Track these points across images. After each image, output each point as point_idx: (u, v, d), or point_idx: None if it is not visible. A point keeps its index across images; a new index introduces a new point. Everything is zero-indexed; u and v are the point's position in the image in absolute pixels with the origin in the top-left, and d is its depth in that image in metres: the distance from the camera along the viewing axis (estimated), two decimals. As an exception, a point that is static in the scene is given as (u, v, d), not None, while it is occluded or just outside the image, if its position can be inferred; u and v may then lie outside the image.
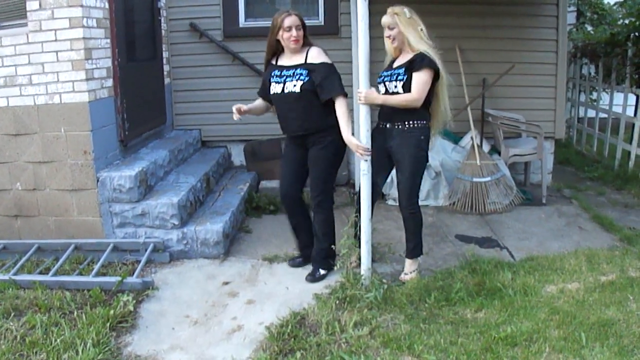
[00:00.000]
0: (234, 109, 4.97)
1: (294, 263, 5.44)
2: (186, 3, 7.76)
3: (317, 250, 5.20)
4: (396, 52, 4.95)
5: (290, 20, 4.75)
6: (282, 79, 4.87)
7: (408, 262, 5.10)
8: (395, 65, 4.90)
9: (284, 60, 4.96)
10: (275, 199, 7.00)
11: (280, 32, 4.79)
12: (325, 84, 4.76)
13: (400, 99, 4.73)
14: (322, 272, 5.13)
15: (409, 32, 4.75)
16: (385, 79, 4.88)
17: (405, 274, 5.06)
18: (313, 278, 5.11)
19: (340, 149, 4.94)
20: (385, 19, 4.82)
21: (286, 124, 5.03)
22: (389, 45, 4.94)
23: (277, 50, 5.00)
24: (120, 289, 4.84)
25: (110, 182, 5.54)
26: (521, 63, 7.58)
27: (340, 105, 4.73)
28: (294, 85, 4.79)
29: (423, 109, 4.81)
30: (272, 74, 4.94)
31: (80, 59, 5.38)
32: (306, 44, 4.91)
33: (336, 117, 4.74)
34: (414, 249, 5.06)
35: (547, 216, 6.67)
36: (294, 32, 4.76)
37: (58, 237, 5.71)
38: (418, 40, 4.75)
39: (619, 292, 4.53)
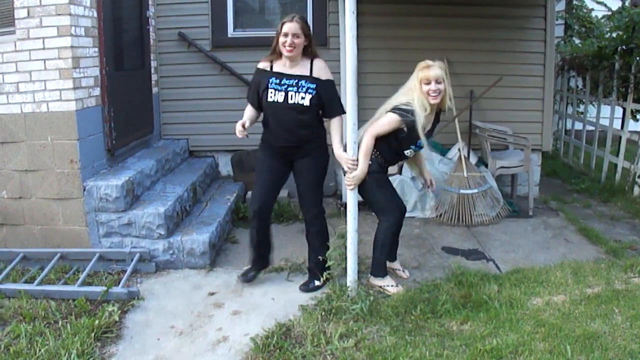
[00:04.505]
0: (238, 131, 4.75)
1: (248, 278, 5.28)
2: (175, 13, 7.75)
3: (314, 262, 5.10)
4: (430, 108, 4.70)
5: (288, 27, 4.64)
6: (283, 88, 4.75)
7: (398, 263, 5.44)
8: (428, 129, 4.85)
9: (282, 68, 4.82)
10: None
11: (280, 38, 4.68)
12: (333, 104, 4.81)
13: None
14: (317, 283, 5.09)
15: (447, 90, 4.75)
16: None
17: (402, 270, 5.42)
18: (307, 288, 5.11)
19: (328, 158, 4.98)
20: (437, 71, 4.61)
21: (279, 134, 4.86)
22: (425, 101, 4.65)
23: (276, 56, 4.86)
24: (105, 299, 4.82)
25: (97, 191, 5.51)
26: (509, 75, 7.61)
27: (338, 123, 4.79)
28: (302, 98, 4.72)
29: None
30: (270, 81, 4.78)
31: (67, 68, 5.37)
32: (310, 53, 4.84)
33: (323, 129, 4.77)
34: None
35: (533, 228, 6.68)
36: (289, 40, 4.65)
37: (44, 246, 5.68)
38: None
39: (604, 304, 4.53)
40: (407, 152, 4.89)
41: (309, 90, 4.73)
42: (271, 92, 4.77)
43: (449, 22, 7.55)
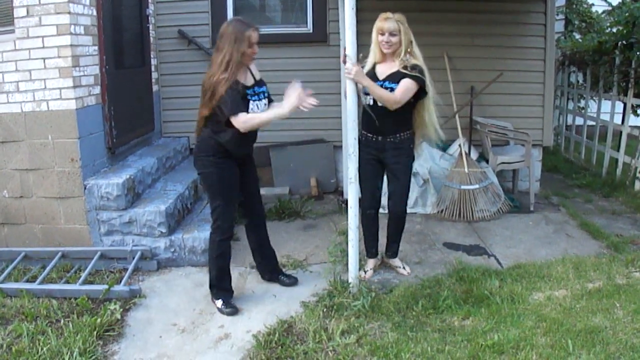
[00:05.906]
0: (309, 103, 4.36)
1: (235, 307, 4.80)
2: (174, 10, 7.74)
3: (276, 258, 5.28)
4: (382, 58, 4.88)
5: (257, 35, 4.50)
6: (254, 98, 4.58)
7: (398, 260, 5.40)
8: (382, 77, 4.82)
9: (243, 79, 4.56)
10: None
11: (249, 48, 4.45)
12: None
13: (383, 94, 4.66)
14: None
15: (409, 41, 4.77)
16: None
17: (403, 267, 5.37)
18: (296, 280, 5.20)
19: None
20: (390, 24, 4.71)
21: (248, 143, 4.76)
22: (377, 51, 4.86)
23: None
24: (107, 297, 4.83)
25: (98, 189, 5.51)
26: (509, 71, 7.60)
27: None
28: (265, 104, 4.63)
29: (409, 120, 4.94)
30: (248, 93, 4.54)
31: (67, 66, 5.36)
32: None
33: None
34: (398, 249, 5.38)
35: (534, 223, 6.68)
36: (256, 48, 4.52)
37: (45, 245, 5.68)
38: (415, 49, 4.82)
39: (605, 299, 4.54)
40: (366, 101, 4.85)
41: (266, 95, 4.69)
42: (253, 104, 4.54)
43: (449, 17, 7.54)
